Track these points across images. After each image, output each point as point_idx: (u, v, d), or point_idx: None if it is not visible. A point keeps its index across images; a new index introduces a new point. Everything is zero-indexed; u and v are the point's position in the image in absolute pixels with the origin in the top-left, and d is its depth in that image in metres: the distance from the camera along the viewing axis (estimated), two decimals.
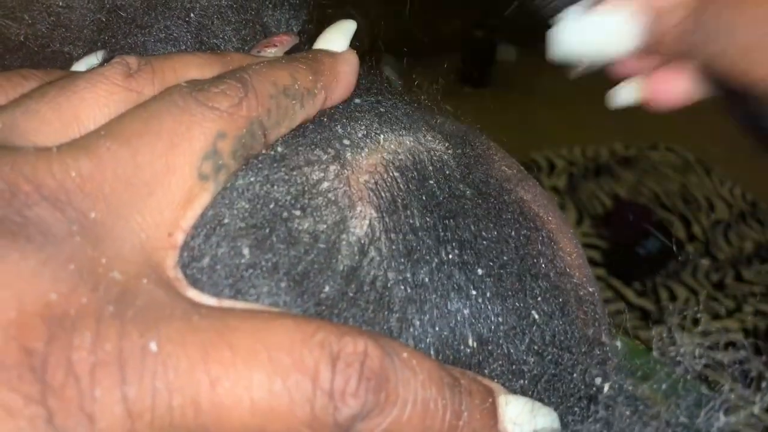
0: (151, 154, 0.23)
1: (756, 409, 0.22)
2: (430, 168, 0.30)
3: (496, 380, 0.27)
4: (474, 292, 0.27)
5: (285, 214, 0.26)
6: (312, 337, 0.22)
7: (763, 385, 0.22)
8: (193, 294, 0.24)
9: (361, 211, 0.27)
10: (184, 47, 0.34)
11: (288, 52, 0.33)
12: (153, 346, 0.21)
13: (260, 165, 0.27)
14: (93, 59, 0.31)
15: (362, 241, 0.27)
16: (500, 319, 0.27)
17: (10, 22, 0.35)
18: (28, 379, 0.19)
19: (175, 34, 0.34)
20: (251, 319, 0.22)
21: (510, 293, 0.28)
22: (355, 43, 0.31)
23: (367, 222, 0.27)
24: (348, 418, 0.22)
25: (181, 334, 0.21)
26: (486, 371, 0.27)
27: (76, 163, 0.22)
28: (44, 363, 0.20)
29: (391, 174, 0.29)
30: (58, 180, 0.22)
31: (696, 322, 0.25)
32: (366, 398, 0.22)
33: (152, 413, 0.20)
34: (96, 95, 0.25)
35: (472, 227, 0.28)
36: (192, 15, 0.35)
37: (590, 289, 0.31)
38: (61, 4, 0.34)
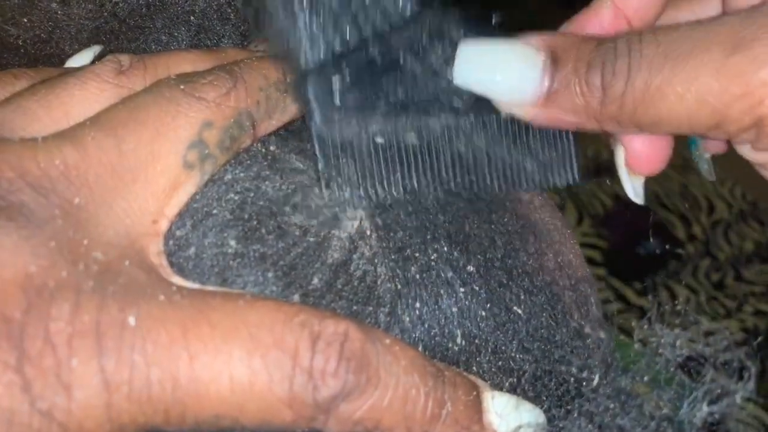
0: (136, 143, 0.24)
1: (738, 398, 0.22)
2: None
3: (485, 377, 0.27)
4: (463, 290, 0.27)
5: (274, 208, 0.26)
6: (293, 317, 0.22)
7: (745, 374, 0.22)
8: (177, 280, 0.24)
9: (353, 207, 0.27)
10: (184, 46, 0.35)
11: None
12: (132, 321, 0.21)
13: (250, 162, 0.27)
14: (89, 54, 0.31)
15: (353, 236, 0.27)
16: (488, 317, 0.28)
17: (10, 27, 0.35)
18: (5, 346, 0.20)
19: (175, 34, 0.35)
20: (233, 300, 0.22)
21: (499, 291, 0.28)
22: None
23: (358, 218, 0.27)
24: (328, 398, 0.22)
25: (161, 310, 0.21)
26: (474, 369, 0.27)
27: (60, 152, 0.23)
28: (21, 331, 0.20)
29: None
30: (43, 168, 0.22)
31: (677, 314, 0.25)
32: (346, 378, 0.22)
33: (130, 386, 0.21)
34: (86, 92, 0.26)
35: (464, 225, 0.29)
36: (192, 18, 0.35)
37: (584, 285, 0.31)
38: (60, 12, 0.35)
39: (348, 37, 0.28)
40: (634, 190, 0.32)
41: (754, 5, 0.28)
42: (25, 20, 0.36)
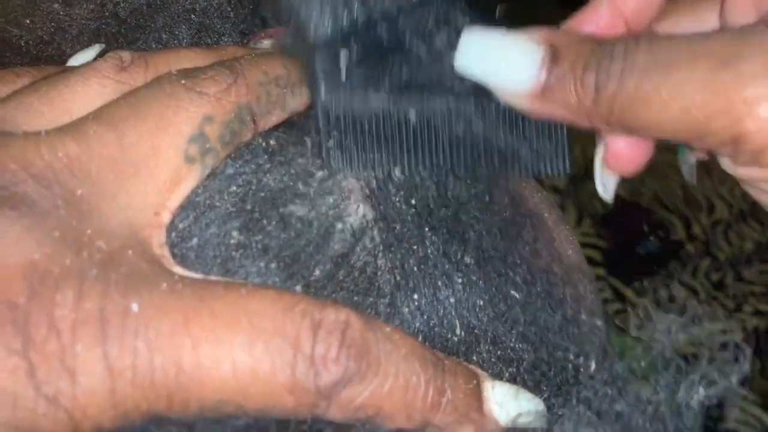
0: (137, 137, 0.24)
1: (734, 381, 0.23)
2: None
3: (484, 367, 0.27)
4: (461, 281, 0.28)
5: (276, 200, 0.27)
6: (294, 306, 0.22)
7: (740, 357, 0.23)
8: (179, 270, 0.24)
9: (354, 200, 0.28)
10: (185, 44, 0.35)
11: None
12: (135, 307, 0.21)
13: (251, 155, 0.27)
14: (91, 53, 0.31)
15: (354, 228, 0.27)
16: (487, 307, 0.28)
17: (12, 28, 0.35)
18: (10, 332, 0.20)
19: (176, 32, 0.35)
20: (235, 289, 0.23)
21: (497, 281, 0.28)
22: None
23: (360, 210, 0.28)
24: (329, 385, 0.22)
25: (164, 299, 0.22)
26: (474, 358, 0.28)
27: (63, 145, 0.23)
28: (26, 317, 0.20)
29: None
30: (46, 160, 0.23)
31: (672, 300, 0.26)
32: (347, 365, 0.22)
33: (133, 372, 0.21)
34: (88, 88, 0.26)
35: (462, 218, 0.29)
36: (193, 16, 0.36)
37: (580, 274, 0.31)
38: (62, 12, 0.35)
39: (357, 16, 0.28)
40: (604, 186, 0.32)
41: (747, 23, 0.28)
42: (28, 21, 0.36)
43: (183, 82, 0.25)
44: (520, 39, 0.29)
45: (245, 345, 0.22)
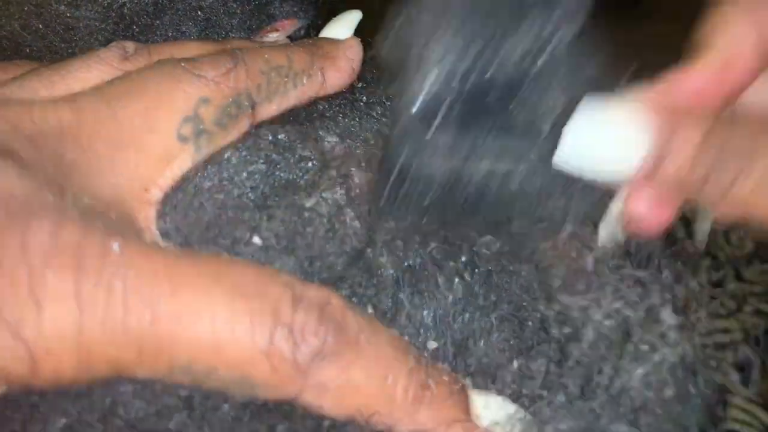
0: (132, 111, 0.24)
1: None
2: None
3: (480, 366, 0.27)
4: (457, 280, 0.28)
5: (283, 192, 0.27)
6: (277, 277, 0.22)
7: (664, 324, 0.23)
8: (165, 244, 0.24)
9: (357, 197, 0.28)
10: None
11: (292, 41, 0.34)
12: (115, 247, 0.20)
13: (259, 147, 0.28)
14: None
15: (357, 225, 0.28)
16: (482, 306, 0.28)
17: (23, 31, 0.36)
18: None
19: (183, 29, 0.36)
20: (218, 256, 0.23)
21: (492, 280, 0.29)
22: (367, 39, 0.31)
23: (364, 207, 0.28)
24: (307, 357, 0.21)
25: (146, 248, 0.21)
26: (471, 352, 0.28)
27: (55, 113, 0.23)
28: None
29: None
30: (37, 124, 0.23)
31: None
32: (325, 338, 0.21)
33: (105, 312, 0.20)
34: (89, 74, 0.26)
35: (460, 216, 0.29)
36: (199, 13, 0.36)
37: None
38: (68, 14, 0.35)
39: (462, 87, 0.26)
40: (610, 236, 0.30)
41: None
42: (40, 26, 0.36)
43: (182, 64, 0.26)
44: (627, 133, 0.26)
45: (226, 303, 0.21)
